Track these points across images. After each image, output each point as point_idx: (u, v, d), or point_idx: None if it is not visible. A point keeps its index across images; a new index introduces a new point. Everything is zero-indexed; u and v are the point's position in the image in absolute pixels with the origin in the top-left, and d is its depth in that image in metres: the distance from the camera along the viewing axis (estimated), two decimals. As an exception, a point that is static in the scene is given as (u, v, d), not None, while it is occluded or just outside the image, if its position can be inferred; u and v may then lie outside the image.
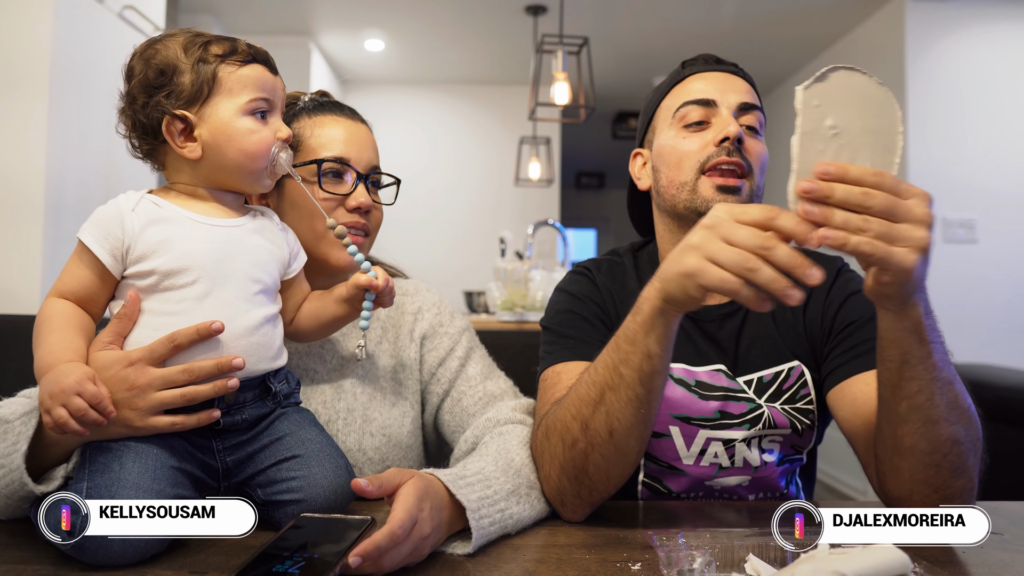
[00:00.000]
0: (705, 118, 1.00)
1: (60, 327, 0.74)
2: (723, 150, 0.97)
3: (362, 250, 1.00)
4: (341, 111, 1.03)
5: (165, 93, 0.79)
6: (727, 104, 1.00)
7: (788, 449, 1.02)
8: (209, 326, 0.74)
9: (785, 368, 1.01)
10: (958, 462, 0.78)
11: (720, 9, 4.00)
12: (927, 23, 3.64)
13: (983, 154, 3.58)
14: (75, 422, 0.67)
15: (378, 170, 1.04)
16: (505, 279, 2.94)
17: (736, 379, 1.01)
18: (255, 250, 0.82)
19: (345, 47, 4.84)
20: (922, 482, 0.79)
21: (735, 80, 1.03)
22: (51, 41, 2.20)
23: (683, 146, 1.00)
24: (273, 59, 0.87)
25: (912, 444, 0.78)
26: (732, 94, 1.01)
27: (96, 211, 0.79)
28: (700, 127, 1.00)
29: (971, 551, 0.76)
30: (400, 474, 0.71)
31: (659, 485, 1.04)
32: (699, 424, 1.00)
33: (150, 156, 0.85)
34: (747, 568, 0.67)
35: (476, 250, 5.39)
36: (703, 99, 1.01)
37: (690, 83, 1.04)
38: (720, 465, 1.01)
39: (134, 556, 0.67)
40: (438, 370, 1.06)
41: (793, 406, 1.00)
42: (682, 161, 1.00)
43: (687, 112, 1.01)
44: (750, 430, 0.99)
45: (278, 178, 0.87)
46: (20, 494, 0.72)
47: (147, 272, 0.76)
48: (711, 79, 1.03)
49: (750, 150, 0.99)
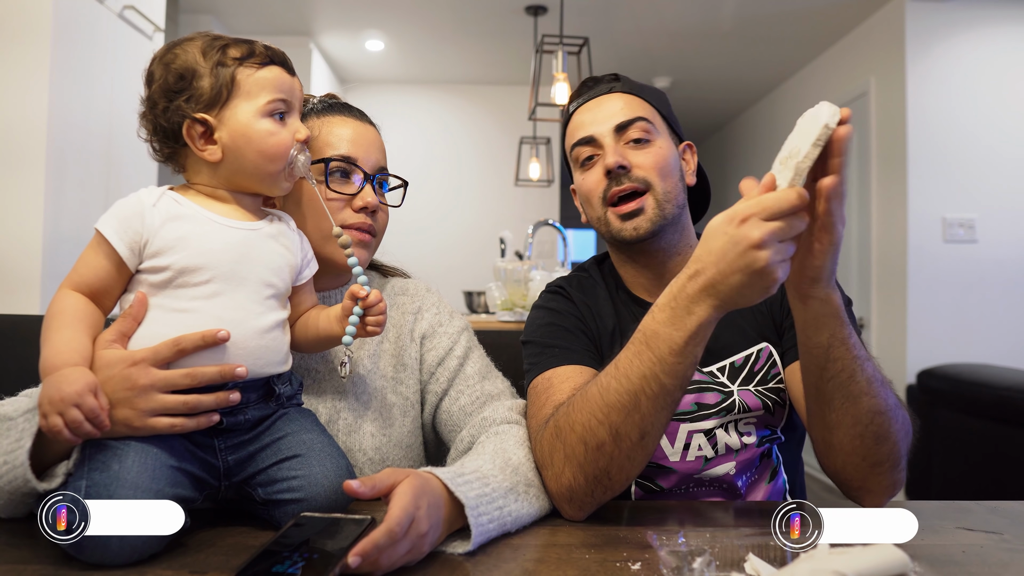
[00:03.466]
0: (593, 152, 1.07)
1: (69, 324, 0.74)
2: (613, 180, 1.03)
3: (367, 250, 1.01)
4: (350, 112, 1.04)
5: (185, 97, 0.80)
6: (604, 134, 1.05)
7: (764, 429, 1.05)
8: (215, 334, 0.74)
9: (754, 351, 1.05)
10: (880, 431, 0.84)
11: (720, 9, 4.00)
12: (927, 23, 3.64)
13: (983, 154, 3.58)
14: (69, 432, 0.67)
15: (385, 172, 1.04)
16: (505, 279, 2.94)
17: (709, 369, 1.04)
18: (270, 255, 0.83)
19: (345, 47, 4.84)
20: (851, 452, 0.85)
21: (609, 101, 1.07)
22: (51, 41, 2.20)
23: (585, 185, 1.08)
24: (290, 60, 0.87)
25: (838, 419, 0.84)
26: (606, 121, 1.05)
27: (116, 204, 0.79)
28: (591, 162, 1.07)
29: (971, 551, 0.76)
30: (395, 474, 0.72)
31: (651, 484, 1.05)
32: (679, 419, 1.02)
33: (171, 159, 0.85)
34: (747, 568, 0.67)
35: (476, 250, 5.39)
36: (584, 138, 1.07)
37: (575, 120, 1.10)
38: (706, 457, 1.03)
39: (132, 555, 0.67)
40: (437, 369, 1.06)
41: (766, 387, 1.04)
42: (590, 198, 1.07)
43: (578, 154, 1.08)
44: (725, 416, 1.02)
45: (296, 180, 0.87)
46: (23, 491, 0.72)
47: (162, 267, 0.77)
48: (588, 111, 1.08)
49: (640, 165, 1.03)
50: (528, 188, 5.32)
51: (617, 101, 1.07)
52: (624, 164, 1.02)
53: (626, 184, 1.02)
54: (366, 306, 0.86)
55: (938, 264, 3.57)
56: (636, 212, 1.02)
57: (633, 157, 1.04)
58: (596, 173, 1.05)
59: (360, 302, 0.85)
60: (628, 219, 1.03)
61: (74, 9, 2.32)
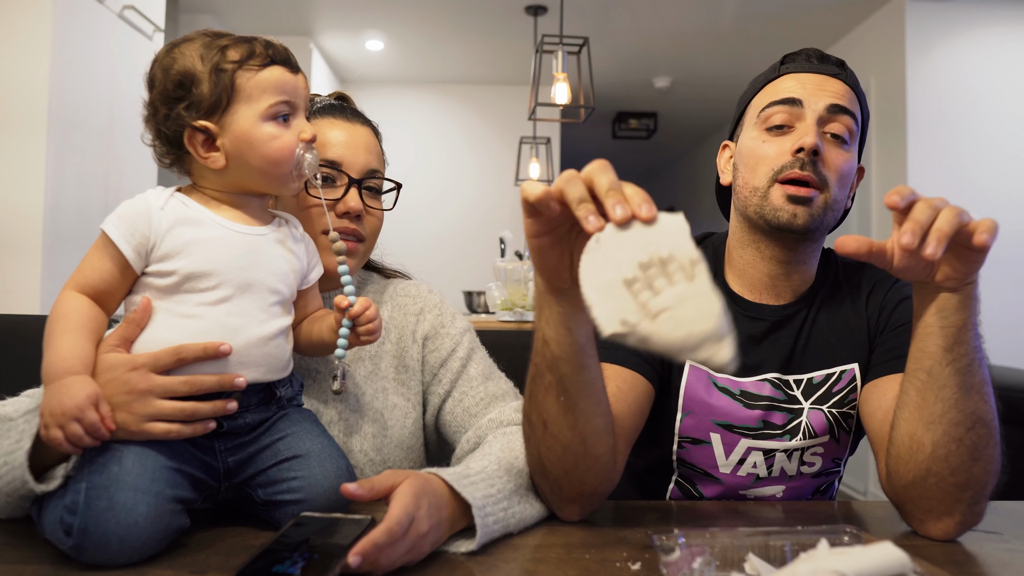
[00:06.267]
0: (788, 122, 0.97)
1: (73, 328, 0.74)
2: (797, 161, 0.94)
3: (355, 257, 1.00)
4: (342, 114, 1.03)
5: (185, 105, 0.79)
6: (813, 108, 0.96)
7: (829, 462, 1.02)
8: (217, 347, 0.74)
9: (837, 371, 1.00)
10: (979, 442, 0.77)
11: (720, 9, 4.00)
12: (927, 23, 3.64)
13: (983, 154, 3.58)
14: (68, 445, 0.68)
15: (377, 174, 1.03)
16: (505, 279, 2.94)
17: (786, 378, 1.00)
18: (277, 260, 0.82)
19: (345, 47, 4.84)
20: (942, 459, 0.78)
21: (831, 82, 0.98)
22: (51, 41, 2.20)
23: (761, 150, 0.98)
24: (293, 56, 0.85)
25: (943, 411, 0.77)
26: (822, 96, 0.97)
27: (123, 205, 0.78)
28: (781, 131, 0.97)
29: (971, 551, 0.76)
30: (394, 475, 0.71)
31: (692, 488, 1.04)
32: (741, 432, 0.99)
33: (176, 164, 0.84)
34: (747, 568, 0.67)
35: (476, 250, 5.39)
36: (789, 98, 0.97)
37: (783, 81, 1.00)
38: (757, 475, 1.01)
39: (132, 556, 0.67)
40: (440, 370, 1.06)
41: (840, 410, 0.99)
42: (758, 166, 0.98)
43: (771, 114, 0.98)
44: (791, 441, 0.99)
45: (306, 179, 0.85)
46: (21, 492, 0.72)
47: (169, 272, 0.76)
48: (804, 79, 0.99)
49: (828, 162, 0.95)
50: (528, 188, 5.32)
51: (840, 86, 0.98)
52: (820, 150, 0.94)
53: (808, 173, 0.93)
54: (351, 317, 0.84)
55: (938, 264, 3.56)
56: (806, 200, 0.93)
57: (828, 152, 0.95)
58: (783, 144, 0.96)
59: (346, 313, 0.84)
60: (795, 203, 0.94)
61: (74, 9, 2.31)
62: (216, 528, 0.79)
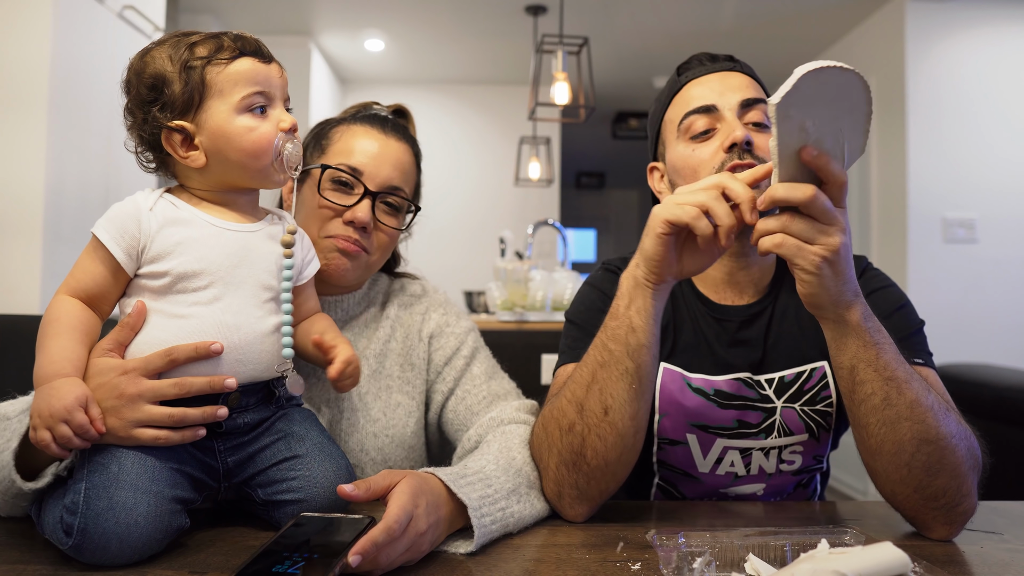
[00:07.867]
0: (710, 125, 0.99)
1: (65, 332, 0.73)
2: (734, 155, 0.95)
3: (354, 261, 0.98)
4: (380, 125, 1.03)
5: (159, 106, 0.78)
6: (728, 106, 0.98)
7: (810, 459, 1.02)
8: (208, 346, 0.73)
9: (808, 368, 1.01)
10: (931, 462, 0.78)
11: (720, 9, 4.00)
12: (927, 23, 3.64)
13: (983, 154, 3.58)
14: (57, 447, 0.67)
15: (398, 192, 1.01)
16: (505, 279, 2.94)
17: (757, 378, 1.00)
18: (269, 256, 0.81)
19: (345, 47, 4.84)
20: (898, 482, 0.80)
21: (733, 77, 1.01)
22: (51, 41, 2.20)
23: (695, 158, 0.98)
24: (264, 46, 0.83)
25: (877, 445, 0.80)
26: (731, 94, 0.99)
27: (113, 207, 0.78)
28: (707, 136, 0.99)
29: (971, 551, 0.76)
30: (391, 475, 0.72)
31: (674, 491, 1.04)
32: (716, 433, 1.00)
33: (160, 168, 0.83)
34: (747, 568, 0.67)
35: (476, 250, 5.39)
36: (703, 106, 0.99)
37: (689, 90, 1.02)
38: (736, 474, 1.01)
39: (132, 556, 0.67)
40: (444, 369, 1.06)
41: (813, 407, 1.00)
42: (698, 171, 0.98)
43: (691, 123, 1.00)
44: (766, 439, 0.99)
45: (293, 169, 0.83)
46: (11, 491, 0.73)
47: (161, 273, 0.76)
48: (708, 82, 1.01)
49: (761, 147, 0.96)
50: (528, 188, 5.32)
51: (741, 79, 1.01)
52: (751, 139, 0.95)
53: (748, 160, 0.94)
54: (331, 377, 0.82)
55: (938, 264, 3.57)
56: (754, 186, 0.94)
57: (756, 139, 0.96)
58: (711, 146, 0.98)
59: None
60: None
61: (74, 9, 2.31)
62: (216, 528, 0.79)
